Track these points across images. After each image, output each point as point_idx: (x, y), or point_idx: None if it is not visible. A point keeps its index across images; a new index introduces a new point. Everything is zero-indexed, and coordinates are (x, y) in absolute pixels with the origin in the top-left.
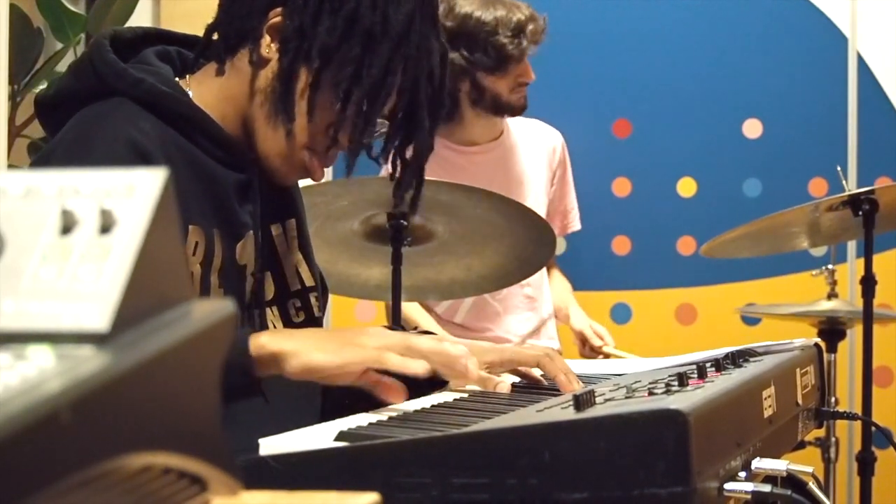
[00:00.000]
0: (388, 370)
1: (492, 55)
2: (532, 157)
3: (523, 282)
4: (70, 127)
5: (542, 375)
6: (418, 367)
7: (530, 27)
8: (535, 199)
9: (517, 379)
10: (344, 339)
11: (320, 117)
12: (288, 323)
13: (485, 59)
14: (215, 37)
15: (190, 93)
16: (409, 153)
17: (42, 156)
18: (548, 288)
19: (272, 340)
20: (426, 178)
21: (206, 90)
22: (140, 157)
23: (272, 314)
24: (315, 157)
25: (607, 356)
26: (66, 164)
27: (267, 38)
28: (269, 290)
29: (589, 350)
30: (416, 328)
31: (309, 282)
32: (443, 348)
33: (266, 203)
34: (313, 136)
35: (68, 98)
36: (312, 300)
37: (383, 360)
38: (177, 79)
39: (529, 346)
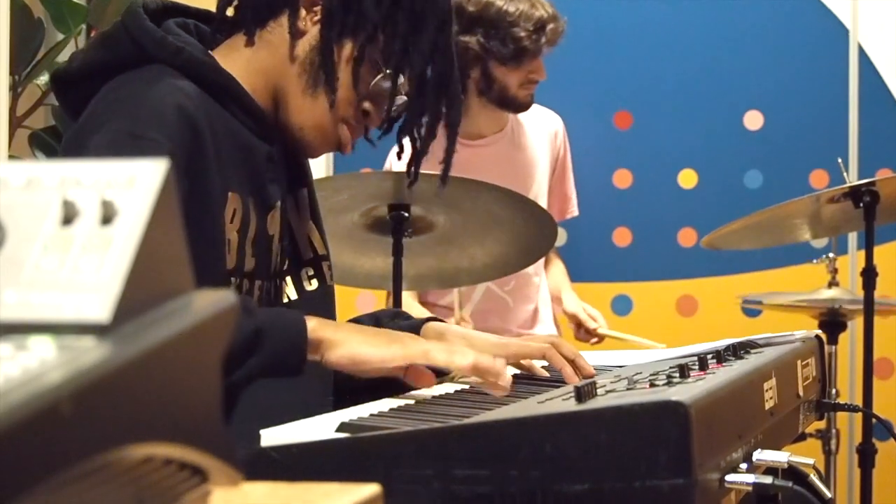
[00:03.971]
0: (432, 366)
1: (509, 46)
2: (535, 145)
3: (533, 272)
4: (112, 92)
5: (545, 367)
6: (463, 361)
7: (551, 26)
8: (540, 187)
9: (517, 371)
10: (389, 336)
11: (361, 91)
12: (301, 291)
13: (501, 49)
14: (230, 12)
15: None
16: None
17: (79, 127)
18: (545, 278)
19: (321, 328)
20: (426, 171)
21: (232, 63)
22: (188, 123)
23: (286, 284)
24: (349, 129)
25: (602, 338)
26: (112, 126)
27: (303, 11)
28: (284, 260)
29: (584, 333)
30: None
31: (321, 250)
32: (489, 360)
33: (281, 175)
34: (353, 109)
35: (97, 70)
36: (325, 268)
37: (430, 356)
38: None
39: (533, 337)
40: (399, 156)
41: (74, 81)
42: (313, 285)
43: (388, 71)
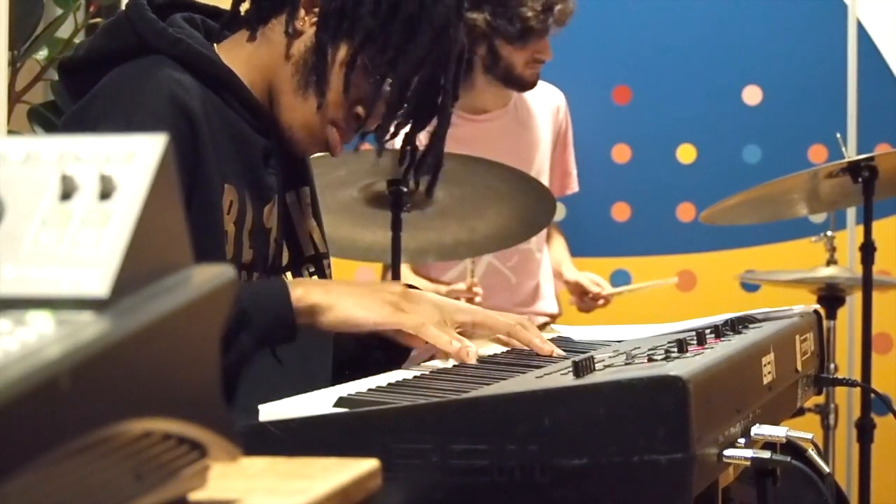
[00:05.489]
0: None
1: (516, 25)
2: (538, 121)
3: (535, 248)
4: (109, 81)
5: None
6: (450, 347)
7: (559, 6)
8: (542, 162)
9: (500, 349)
10: (382, 296)
11: (352, 95)
12: None
13: (507, 28)
14: (244, 6)
15: None
16: (423, 137)
17: (76, 112)
18: (547, 253)
19: (309, 292)
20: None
21: (234, 57)
22: (183, 114)
23: (285, 278)
24: (338, 132)
25: (608, 299)
26: (107, 117)
27: (302, 11)
28: (285, 256)
29: (589, 300)
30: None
31: (322, 248)
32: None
33: (281, 171)
34: (342, 112)
35: (101, 58)
36: (325, 266)
37: (423, 330)
38: None
39: (506, 315)
40: (401, 161)
41: (80, 69)
42: None
43: (377, 77)
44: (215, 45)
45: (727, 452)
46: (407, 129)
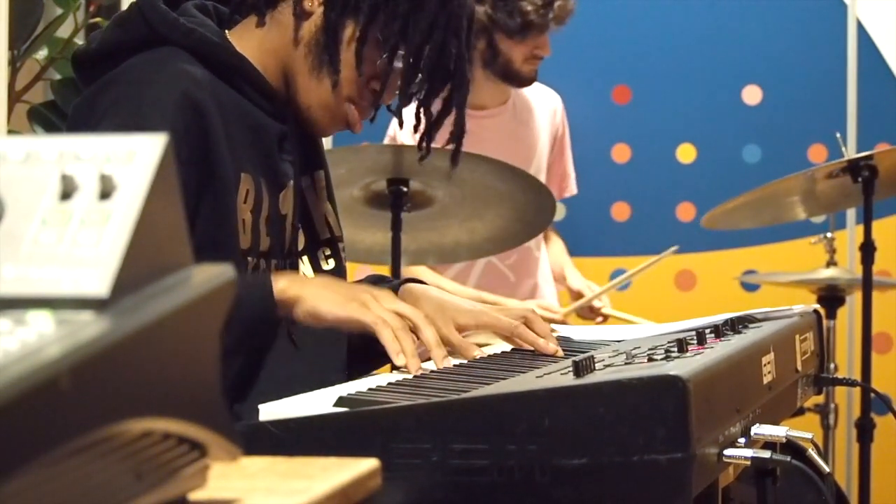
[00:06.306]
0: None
1: (516, 19)
2: (536, 121)
3: (534, 246)
4: (121, 72)
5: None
6: (398, 359)
7: (559, 2)
8: (540, 162)
9: (506, 346)
10: (352, 294)
11: (365, 70)
12: (318, 271)
13: (507, 22)
14: None
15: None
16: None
17: (87, 99)
18: (545, 252)
19: (291, 286)
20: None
21: (246, 43)
22: (193, 109)
23: (302, 263)
24: (356, 108)
25: (606, 317)
26: (116, 109)
27: None
28: (301, 240)
29: (588, 311)
30: None
31: (337, 231)
32: (432, 342)
33: (296, 156)
34: (357, 89)
35: (113, 50)
36: (340, 249)
37: (378, 330)
38: None
39: (509, 309)
40: (415, 128)
41: (93, 61)
42: (330, 265)
43: (388, 49)
44: (227, 31)
45: (727, 452)
46: (421, 96)
